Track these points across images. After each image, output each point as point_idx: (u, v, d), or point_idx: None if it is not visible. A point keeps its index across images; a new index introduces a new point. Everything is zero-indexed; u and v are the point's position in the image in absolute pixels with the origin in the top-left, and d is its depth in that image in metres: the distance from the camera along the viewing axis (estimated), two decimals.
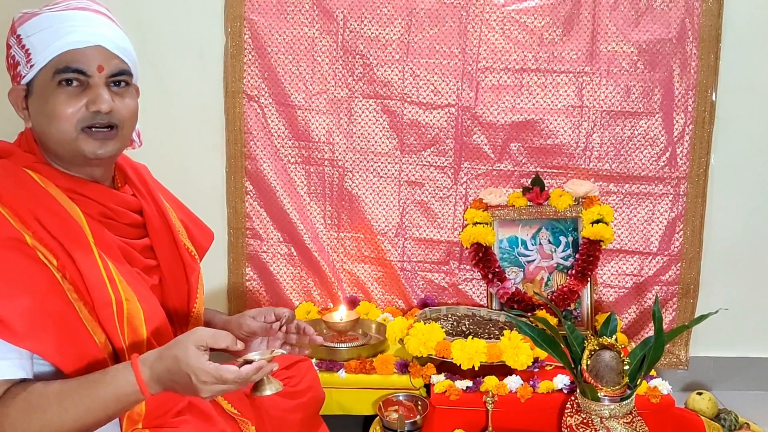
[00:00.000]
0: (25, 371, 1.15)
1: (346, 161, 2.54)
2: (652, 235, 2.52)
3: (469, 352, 2.02)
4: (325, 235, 2.59)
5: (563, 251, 2.51)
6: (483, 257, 2.46)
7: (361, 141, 2.53)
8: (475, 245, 2.47)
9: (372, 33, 2.45)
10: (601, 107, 2.46)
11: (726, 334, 2.56)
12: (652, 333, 2.01)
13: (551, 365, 2.12)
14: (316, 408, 1.77)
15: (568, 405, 1.89)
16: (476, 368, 2.01)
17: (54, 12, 1.25)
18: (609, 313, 2.01)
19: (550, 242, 2.52)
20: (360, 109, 2.51)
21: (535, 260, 2.52)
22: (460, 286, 2.59)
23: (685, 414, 2.06)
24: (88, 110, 1.23)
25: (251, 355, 1.20)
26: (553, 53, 2.44)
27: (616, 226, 2.48)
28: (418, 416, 1.98)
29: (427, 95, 2.48)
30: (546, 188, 2.50)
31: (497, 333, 2.19)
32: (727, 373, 2.60)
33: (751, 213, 2.52)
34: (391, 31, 2.45)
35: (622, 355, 1.78)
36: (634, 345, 2.18)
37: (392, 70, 2.47)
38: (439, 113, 2.49)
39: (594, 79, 2.45)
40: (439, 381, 2.04)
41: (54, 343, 1.14)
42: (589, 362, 1.78)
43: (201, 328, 1.20)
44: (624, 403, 1.77)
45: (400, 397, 2.06)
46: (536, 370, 2.09)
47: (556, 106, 2.47)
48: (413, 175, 2.55)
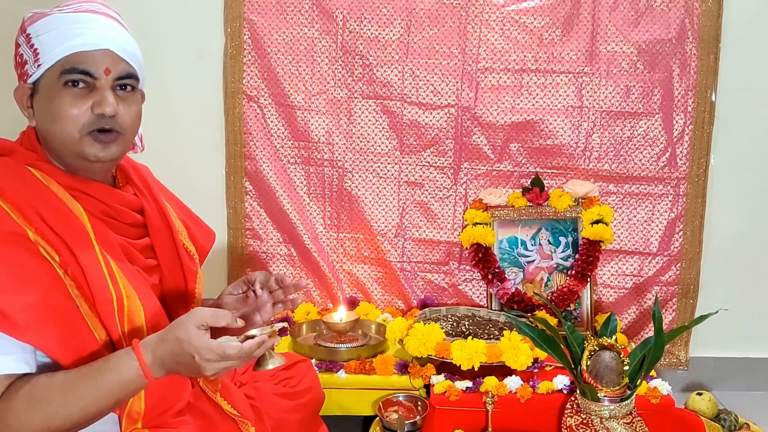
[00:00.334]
0: (29, 365, 1.15)
1: (346, 161, 2.54)
2: (652, 236, 2.52)
3: (469, 353, 2.01)
4: (324, 235, 2.59)
5: (563, 252, 2.51)
6: (483, 258, 2.46)
7: (361, 141, 2.53)
8: (474, 246, 2.47)
9: (372, 33, 2.45)
10: (601, 108, 2.46)
11: (726, 335, 2.56)
12: (652, 333, 2.00)
13: (551, 366, 2.12)
14: (315, 408, 1.77)
15: (568, 405, 1.89)
16: (476, 369, 2.01)
17: (64, 13, 1.26)
18: (609, 314, 2.01)
19: (550, 243, 2.52)
20: (360, 109, 2.51)
21: (534, 261, 2.52)
22: (460, 287, 2.59)
23: (685, 414, 2.06)
24: (92, 113, 1.24)
25: (252, 332, 1.21)
26: (553, 53, 2.44)
27: (615, 226, 2.48)
28: (418, 417, 1.98)
29: (427, 96, 2.48)
30: (546, 189, 2.50)
31: (497, 333, 2.19)
32: (727, 373, 2.60)
33: (751, 213, 2.52)
34: (391, 31, 2.45)
35: (621, 356, 1.78)
36: (633, 345, 2.18)
37: (392, 71, 2.47)
38: (438, 114, 2.49)
39: (594, 79, 2.45)
40: (439, 381, 2.04)
41: (56, 338, 1.15)
42: (588, 363, 1.78)
43: (200, 308, 1.21)
44: (624, 403, 1.77)
45: (400, 398, 2.06)
46: (536, 371, 2.09)
47: (556, 106, 2.47)
48: (413, 176, 2.55)
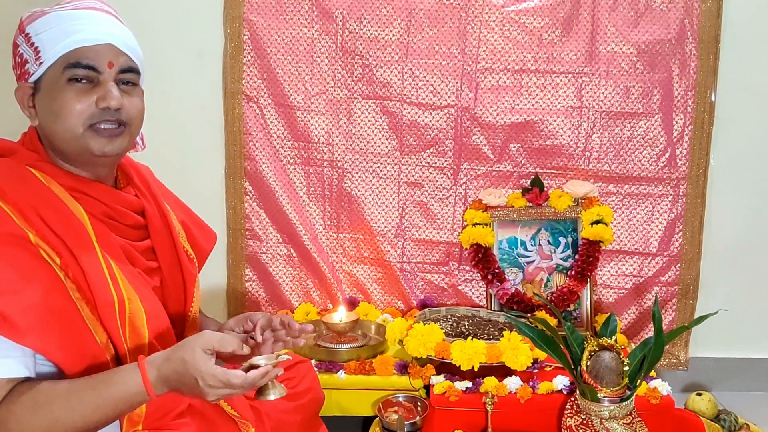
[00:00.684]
0: (29, 369, 1.15)
1: (346, 162, 2.54)
2: (652, 236, 2.52)
3: (469, 353, 2.02)
4: (324, 235, 2.59)
5: (563, 252, 2.51)
6: (482, 258, 2.46)
7: (361, 142, 2.54)
8: (474, 246, 2.47)
9: (371, 34, 2.45)
10: (601, 108, 2.46)
11: (726, 335, 2.56)
12: (651, 334, 2.01)
13: (551, 366, 2.12)
14: (315, 409, 1.77)
15: (568, 406, 1.89)
16: (476, 369, 2.01)
17: (64, 11, 1.26)
18: (609, 314, 2.02)
19: (550, 243, 2.52)
20: (359, 109, 2.51)
21: (534, 261, 2.53)
22: (460, 287, 2.59)
23: (684, 415, 2.06)
24: (97, 107, 1.24)
25: (256, 360, 1.21)
26: (553, 54, 2.44)
27: (615, 226, 2.49)
28: (418, 417, 1.98)
29: (427, 96, 2.49)
30: (545, 189, 2.50)
31: (497, 334, 2.19)
32: (727, 373, 2.60)
33: (751, 213, 2.53)
34: (391, 31, 2.45)
35: (621, 356, 1.78)
36: (633, 346, 2.18)
37: (391, 71, 2.47)
38: (438, 114, 2.50)
39: (593, 79, 2.45)
40: (439, 382, 2.04)
41: (57, 341, 1.15)
42: (588, 363, 1.78)
43: (208, 332, 1.22)
44: (624, 404, 1.77)
45: (400, 398, 2.06)
46: (536, 371, 2.10)
47: (556, 106, 2.47)
48: (413, 176, 2.55)
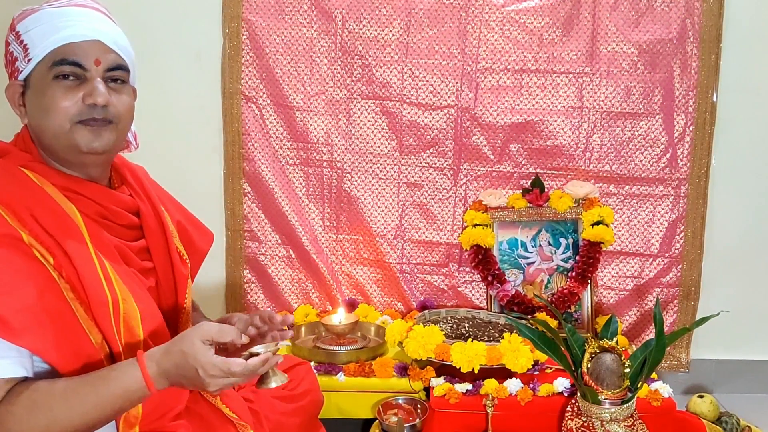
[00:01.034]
0: (26, 370, 1.15)
1: (345, 163, 2.54)
2: (653, 237, 2.52)
3: (469, 355, 2.02)
4: (323, 237, 2.59)
5: (563, 253, 2.51)
6: (482, 259, 2.46)
7: (360, 142, 2.54)
8: (474, 247, 2.47)
9: (371, 33, 2.45)
10: (601, 108, 2.47)
11: (727, 337, 2.56)
12: (653, 335, 2.00)
13: (551, 368, 2.12)
14: (314, 411, 1.76)
15: (569, 408, 1.89)
16: (476, 371, 2.01)
17: (53, 8, 1.26)
18: (609, 316, 2.01)
19: (550, 244, 2.52)
20: (359, 110, 2.51)
21: (535, 262, 2.53)
22: (460, 289, 2.59)
23: (686, 417, 2.06)
24: (84, 104, 1.23)
25: (256, 348, 1.22)
26: (553, 54, 2.44)
27: (616, 227, 2.49)
28: (418, 419, 1.98)
29: (427, 96, 2.49)
30: (546, 190, 2.50)
31: (497, 336, 2.19)
32: (729, 375, 2.60)
33: (753, 214, 2.53)
34: (390, 31, 2.45)
35: (622, 358, 1.78)
36: (635, 348, 2.19)
37: (391, 71, 2.47)
38: (438, 114, 2.50)
39: (594, 79, 2.45)
40: (439, 384, 2.04)
41: (52, 342, 1.14)
42: (589, 365, 1.78)
43: (206, 323, 1.21)
44: (625, 406, 1.77)
45: (400, 401, 2.06)
46: (536, 373, 2.09)
47: (556, 107, 2.48)
48: (412, 177, 2.55)
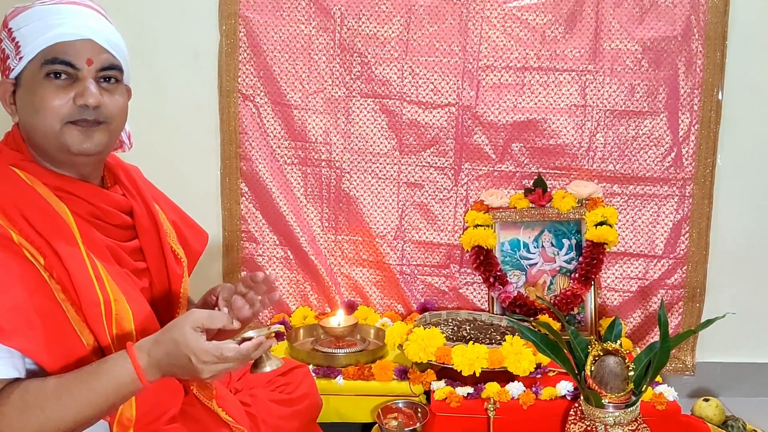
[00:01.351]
0: (17, 370, 1.15)
1: (344, 162, 2.55)
2: (658, 238, 2.52)
3: (470, 358, 2.02)
4: (322, 238, 2.59)
5: (566, 254, 2.52)
6: (484, 260, 2.46)
7: (359, 141, 2.54)
8: (476, 248, 2.47)
9: (370, 30, 2.46)
10: (605, 106, 2.47)
11: (733, 339, 2.56)
12: (657, 338, 2.01)
13: (554, 371, 2.12)
14: (313, 416, 1.77)
15: (572, 412, 1.89)
16: (477, 374, 2.01)
17: (45, 5, 1.26)
18: (613, 318, 2.01)
19: (553, 245, 2.52)
20: (358, 108, 2.52)
21: (537, 263, 2.53)
22: (461, 290, 2.59)
23: (691, 421, 2.06)
24: (75, 104, 1.23)
25: (248, 333, 1.22)
26: (556, 51, 2.45)
27: (620, 228, 2.49)
28: (418, 424, 1.98)
29: (427, 94, 2.49)
30: (548, 190, 2.51)
31: (499, 338, 2.19)
32: (735, 379, 2.60)
33: (759, 214, 2.53)
34: (390, 28, 2.46)
35: (626, 361, 1.78)
36: (639, 350, 2.18)
37: (391, 69, 2.48)
38: (439, 113, 2.50)
39: (597, 77, 2.45)
40: (440, 387, 2.04)
41: (43, 343, 1.15)
42: (593, 368, 1.78)
43: (196, 310, 1.21)
44: (629, 410, 1.77)
45: (400, 404, 2.05)
46: (539, 377, 2.10)
47: (559, 105, 2.48)
48: (413, 177, 2.56)
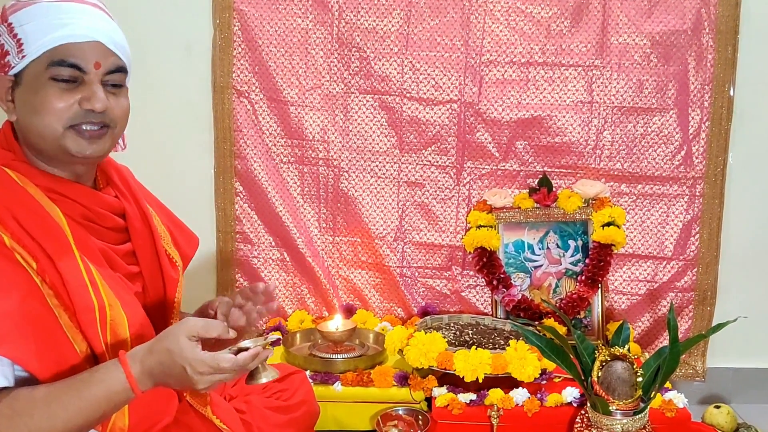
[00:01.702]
0: (6, 379, 1.15)
1: (342, 161, 2.54)
2: (667, 239, 2.52)
3: (473, 364, 2.02)
4: (319, 239, 2.59)
5: (572, 256, 2.51)
6: (487, 262, 2.46)
7: (358, 139, 2.54)
8: (478, 250, 2.47)
9: (369, 24, 2.46)
10: (612, 103, 2.47)
11: (745, 344, 2.56)
12: (666, 342, 2.01)
13: (560, 377, 2.12)
14: (310, 423, 1.77)
15: (578, 419, 1.89)
16: (480, 380, 2.01)
17: (51, 2, 1.25)
18: (621, 322, 2.01)
19: (559, 246, 2.52)
20: (356, 105, 2.52)
21: (542, 265, 2.53)
22: (463, 294, 2.59)
23: (702, 428, 2.07)
24: (80, 108, 1.24)
25: (244, 343, 1.22)
26: (561, 46, 2.45)
27: (628, 229, 2.49)
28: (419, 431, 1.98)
29: (428, 90, 2.49)
30: (554, 189, 2.50)
31: (502, 343, 2.19)
32: (747, 385, 2.59)
33: None
34: (390, 22, 2.45)
35: (635, 367, 1.78)
36: (647, 355, 2.18)
37: (391, 64, 2.47)
38: (440, 109, 2.50)
39: (604, 73, 2.45)
40: (441, 394, 2.04)
41: (33, 351, 1.14)
42: (600, 374, 1.78)
43: (192, 318, 1.21)
44: (637, 417, 1.77)
45: (400, 412, 2.06)
46: (544, 383, 2.09)
47: (565, 101, 2.48)
48: (413, 176, 2.55)
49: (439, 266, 2.59)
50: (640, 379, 1.76)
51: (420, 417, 2.03)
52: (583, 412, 1.88)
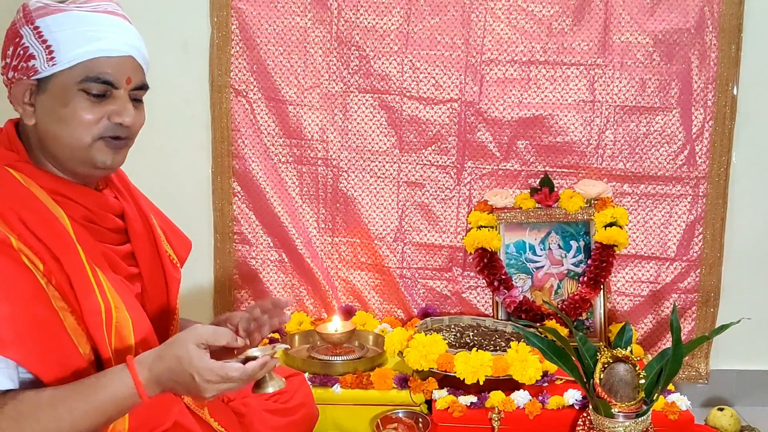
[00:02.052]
0: (12, 381, 1.16)
1: (341, 160, 2.55)
2: (670, 240, 2.53)
3: (474, 366, 2.02)
4: (318, 239, 2.60)
5: (574, 257, 2.52)
6: (488, 263, 2.47)
7: (357, 139, 2.54)
8: (479, 250, 2.48)
9: (369, 23, 2.46)
10: (615, 102, 2.47)
11: (749, 346, 2.56)
12: (669, 344, 2.01)
13: (562, 379, 2.13)
14: (309, 426, 1.77)
15: (580, 422, 1.90)
16: (481, 383, 2.02)
17: (82, 11, 1.26)
18: (623, 323, 2.02)
19: (560, 247, 2.53)
20: (356, 104, 2.52)
21: (544, 266, 2.53)
22: (464, 295, 2.60)
23: (705, 431, 2.07)
24: (110, 121, 1.26)
25: (252, 352, 1.23)
26: (563, 44, 2.45)
27: (630, 229, 2.50)
28: None
29: (428, 89, 2.49)
30: (556, 189, 2.51)
31: (503, 345, 2.20)
32: (751, 387, 2.60)
33: None
34: (389, 20, 2.46)
35: (637, 369, 1.79)
36: (650, 357, 2.19)
37: (390, 63, 2.48)
38: (440, 109, 2.50)
39: (607, 72, 2.46)
40: (442, 396, 2.05)
41: (38, 353, 1.15)
42: (602, 376, 1.79)
43: (200, 326, 1.23)
44: (640, 419, 1.78)
45: (400, 414, 2.06)
46: (546, 385, 2.10)
47: (567, 101, 2.48)
48: (413, 176, 2.56)
49: (440, 267, 2.60)
50: (643, 382, 1.77)
51: (420, 420, 2.04)
52: (585, 414, 1.89)
